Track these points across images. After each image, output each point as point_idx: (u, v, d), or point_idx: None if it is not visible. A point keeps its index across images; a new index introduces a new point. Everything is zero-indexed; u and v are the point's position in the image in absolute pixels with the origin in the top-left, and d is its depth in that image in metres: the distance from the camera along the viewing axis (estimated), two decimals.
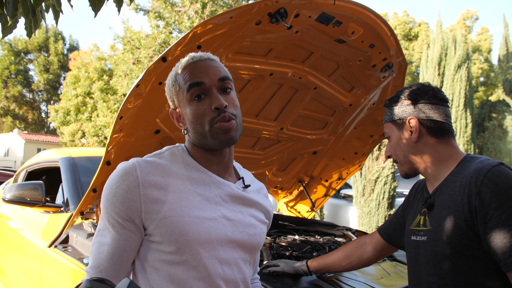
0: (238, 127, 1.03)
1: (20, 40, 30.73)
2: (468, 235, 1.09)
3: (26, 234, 2.68)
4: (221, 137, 1.00)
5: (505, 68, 15.73)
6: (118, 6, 1.34)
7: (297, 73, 2.21)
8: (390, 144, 1.32)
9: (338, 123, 2.70)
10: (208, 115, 1.00)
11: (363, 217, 6.35)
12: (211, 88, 1.01)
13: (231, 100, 1.03)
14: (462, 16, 23.81)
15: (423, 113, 1.24)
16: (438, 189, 1.22)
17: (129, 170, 0.96)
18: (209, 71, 1.02)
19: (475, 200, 1.07)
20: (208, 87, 1.00)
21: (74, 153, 2.91)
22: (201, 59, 1.04)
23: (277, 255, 1.99)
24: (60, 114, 22.60)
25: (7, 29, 1.30)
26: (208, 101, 1.00)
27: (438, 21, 10.34)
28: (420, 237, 1.23)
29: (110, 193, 0.96)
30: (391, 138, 1.31)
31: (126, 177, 0.95)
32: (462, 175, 1.15)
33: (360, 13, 1.92)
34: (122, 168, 0.97)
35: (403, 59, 2.33)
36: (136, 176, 0.95)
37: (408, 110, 1.26)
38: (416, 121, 1.24)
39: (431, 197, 1.23)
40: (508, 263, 1.02)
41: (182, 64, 1.04)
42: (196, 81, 1.00)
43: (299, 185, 3.04)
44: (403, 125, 1.27)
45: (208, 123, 1.00)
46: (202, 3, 13.96)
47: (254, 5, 1.65)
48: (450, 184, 1.18)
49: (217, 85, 1.01)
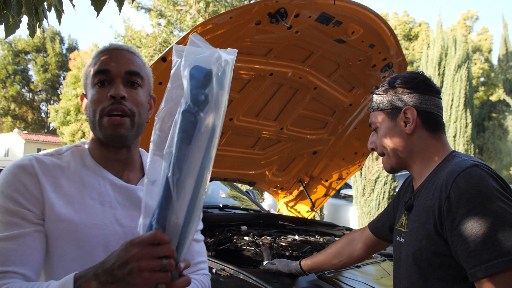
0: (134, 126, 0.96)
1: (19, 40, 30.75)
2: (437, 241, 1.02)
3: None
4: (108, 131, 0.94)
5: (505, 68, 15.73)
6: (119, 6, 1.34)
7: (297, 73, 2.21)
8: (376, 135, 1.20)
9: (338, 123, 2.70)
10: (102, 102, 0.94)
11: (363, 217, 6.35)
12: (116, 77, 0.95)
13: (134, 95, 0.96)
14: (463, 16, 23.82)
15: (421, 104, 1.14)
16: (419, 189, 1.15)
17: (27, 166, 0.89)
18: (120, 61, 0.96)
19: (444, 204, 1.00)
20: (114, 76, 0.95)
21: None
22: (117, 48, 0.99)
23: (277, 255, 1.99)
24: (60, 114, 22.61)
25: (10, 29, 1.31)
26: (107, 89, 0.94)
27: (438, 21, 10.34)
28: (400, 239, 1.18)
29: (5, 183, 0.87)
30: (380, 128, 1.19)
31: (24, 171, 0.88)
32: (439, 176, 1.08)
33: (360, 13, 1.92)
34: (18, 163, 0.90)
35: (403, 59, 2.33)
36: (35, 173, 0.89)
37: (405, 99, 1.16)
38: (413, 112, 1.13)
39: (411, 198, 1.16)
40: (473, 272, 0.94)
41: (99, 50, 1.00)
42: (103, 68, 0.95)
43: (299, 185, 3.04)
44: (397, 115, 1.16)
45: (99, 112, 0.94)
46: (206, 2, 13.96)
47: (254, 5, 1.65)
48: (429, 185, 1.10)
49: (123, 76, 0.96)
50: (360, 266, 1.91)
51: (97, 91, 0.95)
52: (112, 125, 0.93)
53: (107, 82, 0.95)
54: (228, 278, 1.58)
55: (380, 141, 1.19)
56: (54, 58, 31.80)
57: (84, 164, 0.97)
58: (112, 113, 0.93)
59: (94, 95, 0.95)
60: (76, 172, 0.95)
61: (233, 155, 2.60)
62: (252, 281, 1.53)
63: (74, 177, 0.94)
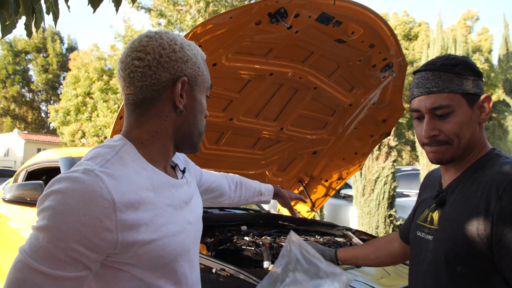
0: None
1: (19, 40, 30.75)
2: (478, 244, 0.95)
3: (26, 234, 2.68)
4: (201, 138, 0.98)
5: (505, 68, 15.72)
6: (116, 6, 1.34)
7: (297, 73, 2.21)
8: (452, 121, 1.03)
9: (338, 123, 2.70)
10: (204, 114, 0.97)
11: (363, 217, 6.35)
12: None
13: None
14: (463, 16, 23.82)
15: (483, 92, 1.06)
16: (452, 184, 1.07)
17: (100, 189, 0.75)
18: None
19: (494, 207, 0.92)
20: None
21: (74, 153, 2.91)
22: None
23: (277, 255, 1.99)
24: (60, 114, 22.59)
25: (7, 29, 1.31)
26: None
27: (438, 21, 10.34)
28: (425, 235, 1.10)
29: (72, 222, 0.72)
30: (456, 114, 1.03)
31: (95, 200, 0.74)
32: (483, 175, 1.00)
33: (360, 13, 1.92)
34: (86, 189, 0.74)
35: (403, 59, 2.33)
36: (111, 199, 0.76)
37: (480, 85, 1.05)
38: (490, 101, 1.05)
39: (443, 193, 1.08)
40: None
41: (203, 54, 0.98)
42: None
43: (299, 185, 3.04)
44: (475, 102, 1.04)
45: (203, 120, 0.96)
46: (206, 2, 13.97)
47: (254, 5, 1.65)
48: (467, 181, 1.03)
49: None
50: (360, 266, 1.91)
51: (205, 101, 0.97)
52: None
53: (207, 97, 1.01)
54: (228, 278, 1.58)
55: (453, 128, 1.04)
56: (54, 58, 31.80)
57: (140, 165, 0.88)
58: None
59: (205, 104, 0.96)
60: (141, 179, 0.87)
61: (233, 155, 2.60)
62: (252, 281, 1.53)
63: (143, 185, 0.88)
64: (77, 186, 0.74)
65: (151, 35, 0.89)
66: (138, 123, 0.90)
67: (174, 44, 0.89)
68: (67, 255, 0.73)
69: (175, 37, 0.91)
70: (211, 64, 1.86)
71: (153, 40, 0.88)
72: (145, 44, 0.87)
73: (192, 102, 0.92)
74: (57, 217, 0.73)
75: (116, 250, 0.78)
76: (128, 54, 0.88)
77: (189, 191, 0.99)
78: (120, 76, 0.90)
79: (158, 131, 0.90)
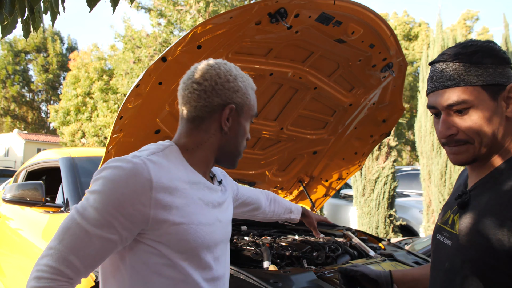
0: None
1: (19, 40, 30.75)
2: (500, 256, 0.83)
3: (26, 234, 2.68)
4: (240, 157, 1.13)
5: None
6: (113, 6, 1.34)
7: (297, 73, 2.21)
8: (471, 117, 0.92)
9: (338, 123, 2.70)
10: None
11: (363, 217, 6.35)
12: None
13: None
14: (463, 16, 23.84)
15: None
16: (477, 186, 0.96)
17: (142, 170, 0.92)
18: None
19: None
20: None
21: (74, 153, 2.91)
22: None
23: (277, 255, 1.99)
24: (60, 114, 22.61)
25: (7, 29, 1.30)
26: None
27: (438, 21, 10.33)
28: (444, 239, 0.99)
29: (116, 191, 0.90)
30: (476, 108, 0.91)
31: (137, 177, 0.92)
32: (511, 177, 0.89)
33: (360, 13, 1.92)
34: (132, 168, 0.93)
35: (403, 59, 2.33)
36: (150, 179, 0.92)
37: (506, 74, 0.92)
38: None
39: (466, 194, 0.96)
40: None
41: (253, 86, 1.15)
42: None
43: (299, 185, 3.04)
44: (499, 93, 0.91)
45: (244, 142, 1.12)
46: (206, 2, 13.97)
47: (254, 5, 1.65)
48: (493, 184, 0.91)
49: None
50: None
51: (248, 127, 1.13)
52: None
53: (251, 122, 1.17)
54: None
55: (473, 125, 0.91)
56: (55, 58, 31.80)
57: (182, 164, 1.04)
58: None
59: (247, 129, 1.13)
60: (181, 173, 1.03)
61: None
62: (252, 281, 1.53)
63: (181, 177, 1.02)
64: (126, 165, 0.93)
65: (211, 64, 1.06)
66: (187, 134, 1.06)
67: (229, 75, 1.05)
68: (105, 217, 0.90)
69: (231, 69, 1.08)
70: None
71: (212, 69, 1.04)
72: (205, 71, 1.04)
73: (236, 126, 1.08)
74: (106, 185, 0.91)
75: (148, 226, 0.93)
76: (189, 76, 1.06)
77: (223, 197, 1.13)
78: (179, 94, 1.07)
79: (203, 144, 1.06)
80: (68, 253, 0.89)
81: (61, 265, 0.88)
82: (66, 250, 0.89)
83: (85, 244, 0.89)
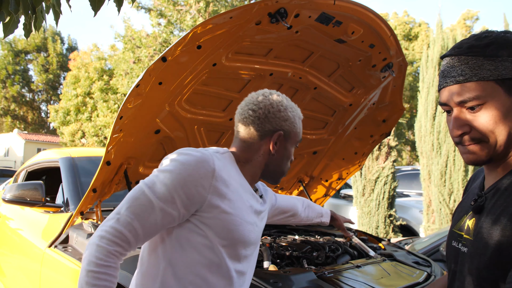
0: None
1: (20, 40, 30.75)
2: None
3: (26, 234, 2.68)
4: (283, 175, 1.27)
5: None
6: (118, 6, 1.34)
7: (297, 73, 2.21)
8: (485, 114, 0.86)
9: (338, 123, 2.70)
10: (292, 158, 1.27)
11: (363, 217, 6.35)
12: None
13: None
14: (463, 16, 23.84)
15: None
16: (493, 188, 0.89)
17: (208, 159, 1.08)
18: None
19: None
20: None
21: (74, 153, 2.91)
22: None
23: (277, 255, 1.99)
24: (60, 114, 22.61)
25: (9, 29, 1.30)
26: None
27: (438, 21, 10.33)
28: (460, 245, 0.93)
29: (185, 172, 1.04)
30: (491, 105, 0.85)
31: (204, 164, 1.06)
32: None
33: (360, 13, 1.92)
34: (201, 156, 1.08)
35: (403, 59, 2.33)
36: (213, 168, 1.07)
37: None
38: None
39: (482, 197, 0.90)
40: None
41: (300, 115, 1.26)
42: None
43: (299, 185, 3.04)
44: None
45: (288, 164, 1.26)
46: (206, 2, 13.98)
47: (254, 5, 1.65)
48: (511, 186, 0.86)
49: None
50: (360, 266, 1.91)
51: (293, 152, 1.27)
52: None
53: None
54: None
55: (487, 122, 0.85)
56: (55, 58, 31.80)
57: (236, 169, 1.19)
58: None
59: (292, 155, 1.26)
60: (236, 175, 1.18)
61: None
62: (252, 281, 1.53)
63: (236, 178, 1.17)
64: (196, 153, 1.09)
65: (266, 95, 1.21)
66: (240, 150, 1.22)
67: (281, 106, 1.20)
68: (171, 193, 1.03)
69: (282, 100, 1.22)
70: (211, 64, 1.86)
71: (266, 99, 1.20)
72: (260, 100, 1.19)
73: (282, 150, 1.22)
74: (177, 167, 1.06)
75: (202, 207, 1.06)
76: (247, 103, 1.21)
77: (262, 208, 1.26)
78: (236, 117, 1.23)
79: (253, 161, 1.21)
80: (133, 219, 1.01)
81: (125, 228, 1.01)
82: (132, 216, 1.02)
83: (149, 213, 1.02)
